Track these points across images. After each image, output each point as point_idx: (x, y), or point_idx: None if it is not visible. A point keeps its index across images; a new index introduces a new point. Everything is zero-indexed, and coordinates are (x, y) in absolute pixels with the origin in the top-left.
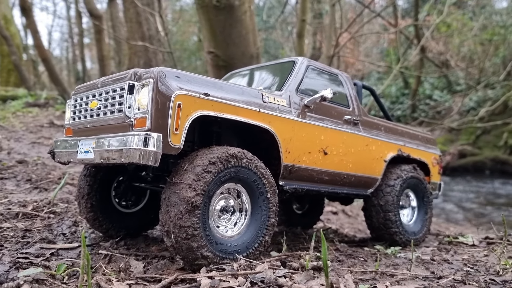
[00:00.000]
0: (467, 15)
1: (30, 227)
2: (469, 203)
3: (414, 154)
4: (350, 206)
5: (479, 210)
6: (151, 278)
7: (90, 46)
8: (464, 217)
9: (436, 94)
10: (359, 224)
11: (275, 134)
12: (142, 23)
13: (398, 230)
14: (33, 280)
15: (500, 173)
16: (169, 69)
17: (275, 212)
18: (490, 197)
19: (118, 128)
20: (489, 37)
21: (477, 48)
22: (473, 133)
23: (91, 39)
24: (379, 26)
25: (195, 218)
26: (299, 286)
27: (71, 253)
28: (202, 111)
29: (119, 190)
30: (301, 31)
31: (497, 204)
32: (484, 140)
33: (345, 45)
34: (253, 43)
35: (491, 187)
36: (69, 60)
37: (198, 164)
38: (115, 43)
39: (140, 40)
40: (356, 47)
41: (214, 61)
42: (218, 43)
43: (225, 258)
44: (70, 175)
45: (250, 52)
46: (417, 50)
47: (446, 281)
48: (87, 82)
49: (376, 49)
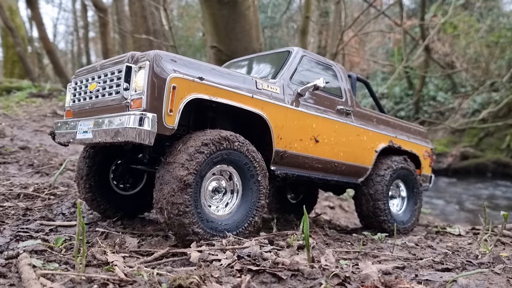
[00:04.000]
0: (474, 16)
1: (30, 206)
2: (469, 205)
3: (405, 146)
4: (348, 202)
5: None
6: (144, 252)
7: (95, 40)
8: (464, 218)
9: (440, 96)
10: (355, 219)
11: (268, 120)
12: (147, 17)
13: (387, 219)
14: (32, 250)
15: (502, 176)
16: (165, 53)
17: (265, 194)
18: (491, 200)
19: (116, 109)
20: (495, 39)
21: (483, 50)
22: (476, 135)
23: (96, 32)
24: (385, 26)
25: (187, 195)
26: (283, 260)
27: (69, 230)
28: (196, 94)
29: (117, 172)
30: (305, 27)
31: (498, 207)
32: (487, 142)
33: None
34: (256, 39)
35: (492, 189)
36: (74, 53)
37: (191, 145)
38: (120, 37)
39: (144, 35)
40: (362, 46)
41: (217, 55)
42: (221, 38)
43: (215, 236)
44: (70, 162)
45: (253, 48)
46: (421, 49)
47: (424, 261)
48: (88, 66)
49: (382, 49)
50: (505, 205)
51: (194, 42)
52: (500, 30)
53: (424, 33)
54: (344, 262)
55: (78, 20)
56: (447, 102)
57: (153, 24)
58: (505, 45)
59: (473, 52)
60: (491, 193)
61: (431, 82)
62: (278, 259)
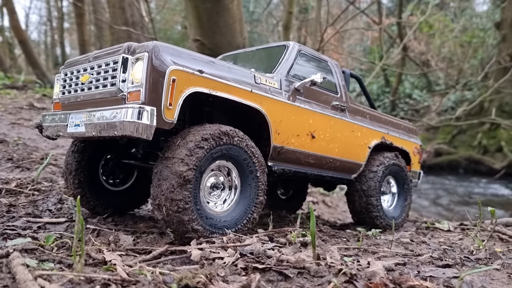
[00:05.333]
0: (448, 16)
1: (14, 202)
2: (442, 200)
3: (397, 143)
4: (330, 197)
5: (451, 206)
6: (141, 250)
7: (69, 31)
8: (437, 212)
9: (416, 93)
10: (338, 214)
11: (266, 115)
12: (126, 9)
13: (379, 215)
14: (22, 249)
15: (473, 172)
16: (164, 44)
17: (263, 191)
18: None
19: (111, 102)
20: (468, 39)
21: (457, 50)
22: (450, 132)
23: (71, 23)
24: (363, 24)
25: (187, 192)
26: (287, 257)
27: (58, 227)
28: (196, 87)
29: (107, 167)
30: (288, 23)
31: (469, 203)
32: (460, 139)
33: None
34: (239, 33)
35: (465, 185)
36: (47, 44)
37: (190, 140)
38: (96, 29)
39: (123, 26)
40: (340, 43)
41: (200, 49)
42: (205, 31)
43: (214, 233)
44: (52, 156)
45: (236, 42)
46: (400, 48)
47: (424, 257)
48: (77, 56)
49: (360, 46)
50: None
51: (172, 35)
52: (473, 31)
53: (401, 32)
54: (348, 259)
55: (52, 10)
56: (422, 99)
57: (132, 15)
58: (477, 45)
59: (447, 51)
60: (463, 189)
61: (407, 80)
62: (282, 256)
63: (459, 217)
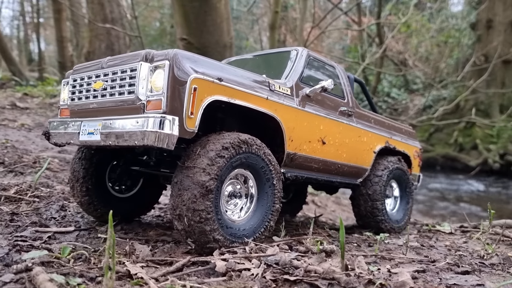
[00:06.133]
0: (425, 16)
1: (16, 210)
2: (421, 197)
3: (399, 147)
4: (319, 197)
5: (429, 203)
6: (161, 261)
7: (44, 26)
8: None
9: (394, 92)
10: (329, 214)
11: (281, 122)
12: (105, 5)
13: (384, 218)
14: (39, 262)
15: (450, 169)
16: (184, 52)
17: (279, 198)
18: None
19: (127, 110)
20: (445, 39)
21: (434, 49)
22: (427, 130)
23: (45, 18)
24: (342, 23)
25: (209, 202)
26: (314, 267)
27: (68, 237)
28: (216, 96)
29: (114, 174)
30: (274, 22)
31: (446, 199)
32: (437, 137)
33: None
34: (227, 32)
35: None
36: (20, 39)
37: (211, 149)
38: (72, 25)
39: (102, 23)
40: (320, 42)
41: (187, 48)
42: (192, 30)
43: (234, 242)
44: (43, 159)
45: (223, 41)
46: (381, 50)
47: (442, 264)
48: (87, 62)
49: (339, 45)
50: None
51: (150, 31)
52: (449, 31)
53: (380, 31)
54: (374, 268)
55: (25, 5)
56: (400, 98)
57: (111, 12)
58: (453, 45)
59: (424, 50)
60: (441, 186)
61: (385, 78)
62: (309, 266)
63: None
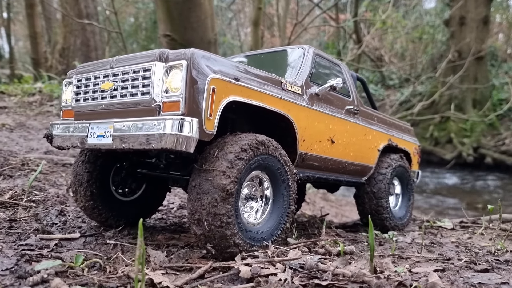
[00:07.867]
0: (400, 13)
1: (13, 216)
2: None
3: (401, 144)
4: (307, 193)
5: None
6: (180, 267)
7: (13, 21)
8: None
9: (371, 88)
10: (318, 210)
11: (294, 122)
12: (79, 0)
13: (388, 216)
14: (54, 273)
15: (426, 163)
16: (201, 51)
17: (294, 200)
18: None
19: (141, 112)
20: (419, 35)
21: (409, 46)
22: None
23: (15, 13)
24: (319, 19)
25: (229, 205)
26: (342, 270)
27: (74, 244)
28: (233, 96)
29: (118, 177)
30: (257, 19)
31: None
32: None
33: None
34: (211, 29)
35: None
36: None
37: (230, 151)
38: (44, 20)
39: (76, 18)
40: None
41: (170, 45)
42: (175, 27)
43: (253, 246)
44: (31, 161)
45: (208, 38)
46: (361, 47)
47: (461, 262)
48: (93, 61)
49: (316, 41)
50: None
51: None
52: (423, 27)
53: (357, 28)
54: (400, 269)
55: None
56: (377, 94)
57: (86, 7)
58: (427, 41)
59: (399, 47)
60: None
61: (362, 74)
62: (337, 270)
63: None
